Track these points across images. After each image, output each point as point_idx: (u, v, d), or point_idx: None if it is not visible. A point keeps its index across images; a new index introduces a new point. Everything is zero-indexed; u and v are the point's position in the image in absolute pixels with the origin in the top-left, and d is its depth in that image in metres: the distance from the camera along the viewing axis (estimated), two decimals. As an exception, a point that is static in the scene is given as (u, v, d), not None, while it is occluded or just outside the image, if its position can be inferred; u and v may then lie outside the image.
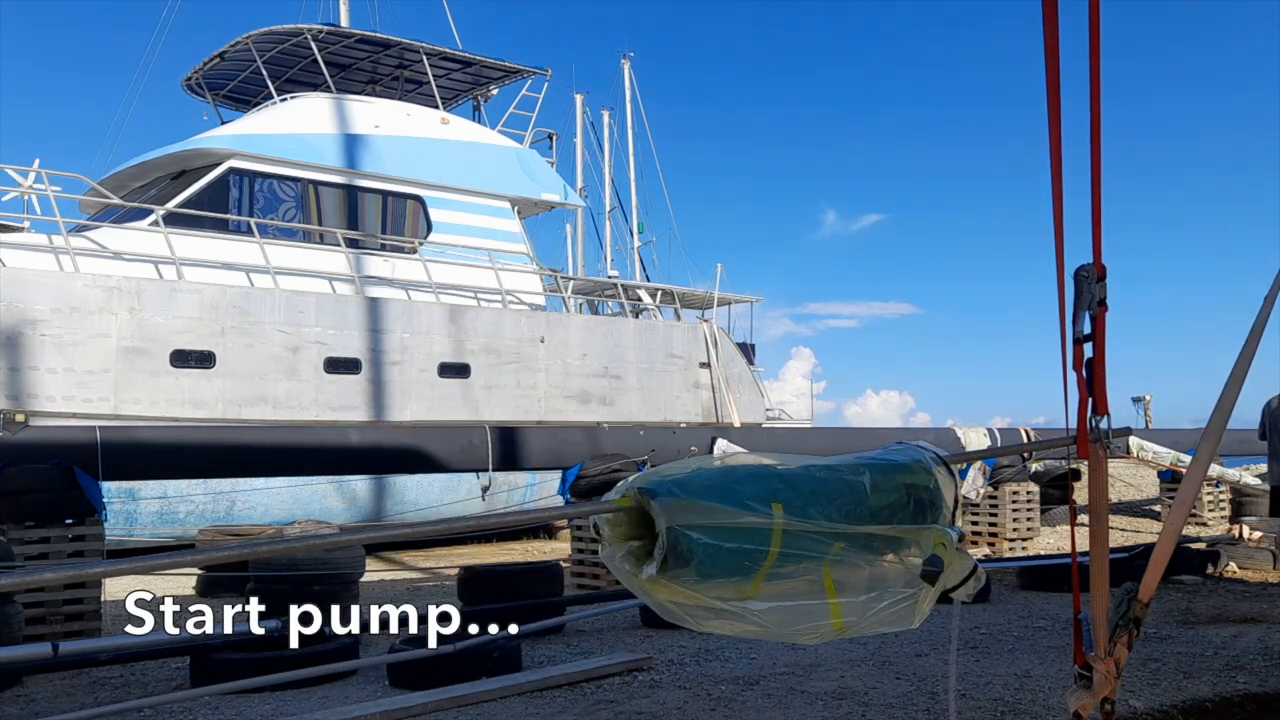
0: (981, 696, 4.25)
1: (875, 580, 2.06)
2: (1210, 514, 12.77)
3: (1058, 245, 2.80)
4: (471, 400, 13.22)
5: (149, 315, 11.11)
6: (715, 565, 1.88)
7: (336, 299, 12.56)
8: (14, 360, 10.36)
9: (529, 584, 6.38)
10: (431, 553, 11.25)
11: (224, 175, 12.77)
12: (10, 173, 11.72)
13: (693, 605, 1.94)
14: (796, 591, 1.98)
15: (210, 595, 8.00)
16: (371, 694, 4.49)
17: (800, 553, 1.94)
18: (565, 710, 4.16)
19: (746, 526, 1.90)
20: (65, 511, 6.33)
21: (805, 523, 1.94)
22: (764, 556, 1.91)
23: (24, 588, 5.25)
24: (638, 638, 5.74)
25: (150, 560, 1.79)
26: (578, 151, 26.59)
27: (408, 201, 14.20)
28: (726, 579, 1.90)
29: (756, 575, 1.92)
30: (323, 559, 5.85)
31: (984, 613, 6.30)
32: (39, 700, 4.53)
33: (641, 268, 25.49)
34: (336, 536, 2.50)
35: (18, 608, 5.10)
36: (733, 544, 1.89)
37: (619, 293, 17.25)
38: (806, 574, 1.97)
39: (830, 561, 1.98)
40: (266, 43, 14.38)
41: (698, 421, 15.25)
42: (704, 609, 1.94)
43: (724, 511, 1.90)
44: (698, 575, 1.87)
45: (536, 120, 16.32)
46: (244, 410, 11.55)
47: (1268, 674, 4.62)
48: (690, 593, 1.91)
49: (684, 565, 1.86)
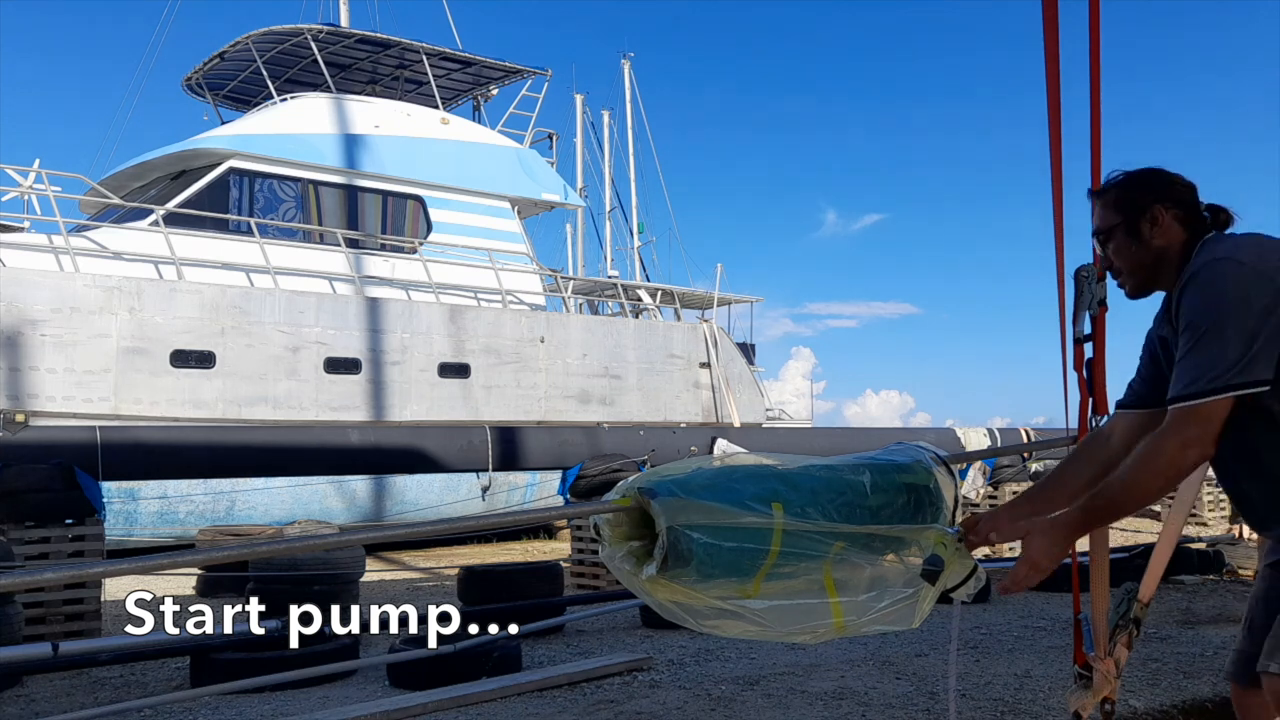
0: (981, 697, 4.25)
1: (876, 580, 2.05)
2: (1210, 514, 12.77)
3: (1058, 245, 2.80)
4: (471, 400, 13.22)
5: (149, 315, 11.11)
6: (715, 565, 1.88)
7: (336, 299, 12.55)
8: (14, 360, 10.36)
9: (529, 584, 6.37)
10: (431, 553, 11.25)
11: (224, 175, 12.77)
12: (10, 173, 11.74)
13: (693, 605, 1.94)
14: (797, 591, 1.98)
15: (210, 595, 8.00)
16: (371, 694, 4.49)
17: (801, 552, 1.94)
18: (565, 710, 4.16)
19: (747, 526, 1.90)
20: (65, 511, 6.33)
21: (805, 522, 1.94)
22: (764, 556, 1.91)
23: (24, 588, 5.25)
24: (638, 638, 5.74)
25: (150, 560, 1.79)
26: (578, 151, 26.64)
27: (408, 201, 14.20)
28: (727, 578, 1.90)
29: (757, 575, 1.92)
30: (323, 559, 5.85)
31: (984, 613, 6.30)
32: (39, 700, 4.53)
33: (641, 268, 25.52)
34: (336, 536, 2.50)
35: (18, 608, 5.10)
36: (733, 543, 1.89)
37: (619, 293, 17.25)
38: (807, 573, 1.97)
39: (831, 561, 1.98)
40: (266, 43, 14.39)
41: (698, 421, 15.26)
42: (705, 609, 1.94)
43: (724, 511, 1.89)
44: (698, 575, 1.87)
45: (536, 120, 16.35)
46: (244, 410, 11.55)
47: (1268, 674, 4.61)
48: (691, 592, 1.91)
49: (684, 565, 1.86)
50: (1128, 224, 2.03)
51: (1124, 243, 2.05)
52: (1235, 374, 1.74)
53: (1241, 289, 1.76)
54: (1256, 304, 1.74)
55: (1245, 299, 1.75)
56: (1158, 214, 1.99)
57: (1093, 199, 2.11)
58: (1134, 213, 2.02)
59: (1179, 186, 2.04)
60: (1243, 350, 1.74)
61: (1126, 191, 2.04)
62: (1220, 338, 1.75)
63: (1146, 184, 2.04)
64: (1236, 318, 1.75)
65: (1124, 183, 2.06)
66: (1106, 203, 2.07)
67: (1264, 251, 1.83)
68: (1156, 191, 2.02)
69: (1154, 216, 2.00)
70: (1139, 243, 2.02)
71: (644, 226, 27.44)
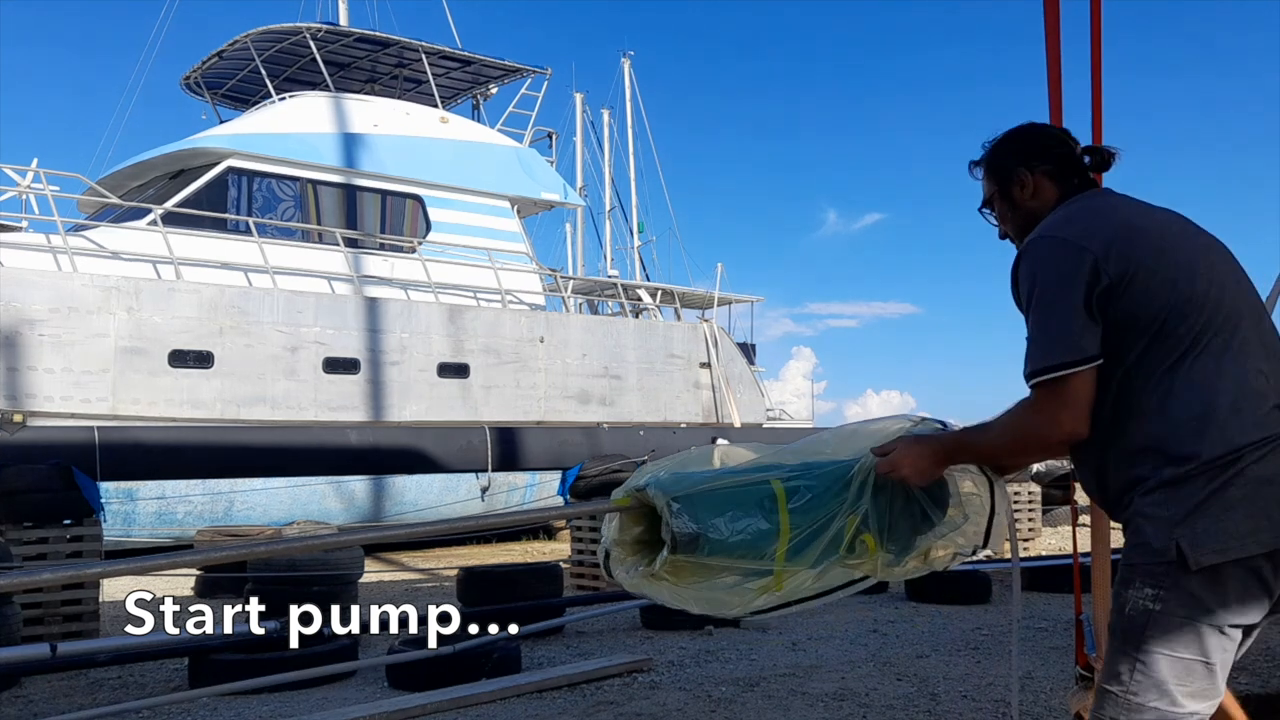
0: (982, 698, 4.24)
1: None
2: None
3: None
4: (471, 400, 13.20)
5: (147, 315, 11.08)
6: (726, 530, 1.87)
7: (335, 299, 12.54)
8: (12, 360, 10.34)
9: (529, 584, 6.36)
10: (431, 553, 11.23)
11: (222, 175, 12.74)
12: (8, 172, 11.71)
13: (719, 581, 1.92)
14: (824, 546, 1.95)
15: (209, 595, 7.99)
16: (371, 695, 4.47)
17: (810, 508, 1.93)
18: (565, 711, 4.15)
19: (745, 484, 1.92)
20: (63, 512, 6.31)
21: (800, 480, 1.95)
22: (774, 515, 1.90)
23: (22, 588, 5.24)
24: (638, 639, 5.72)
25: (148, 561, 1.78)
26: (578, 151, 26.64)
27: (407, 201, 14.18)
28: (741, 544, 1.89)
29: (777, 541, 1.90)
30: (322, 559, 5.84)
31: (985, 613, 6.29)
32: (37, 701, 4.51)
33: (641, 267, 25.52)
34: (335, 537, 2.49)
35: (16, 608, 5.08)
36: (736, 508, 1.89)
37: (619, 293, 17.24)
38: (828, 526, 1.94)
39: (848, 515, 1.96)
40: (265, 42, 14.36)
41: (698, 421, 15.25)
42: (731, 584, 1.92)
43: (719, 479, 1.93)
44: (710, 547, 1.87)
45: (536, 119, 16.31)
46: (242, 410, 11.53)
47: (1269, 674, 4.61)
48: (711, 564, 1.89)
49: (694, 539, 1.86)
50: (1002, 191, 2.02)
51: (1004, 210, 2.05)
52: (1071, 352, 1.73)
53: (1062, 266, 1.76)
54: (1078, 280, 1.74)
55: (1067, 275, 1.75)
56: (1023, 177, 1.98)
57: (972, 170, 2.10)
58: (1005, 179, 2.01)
59: (1046, 141, 2.02)
60: (1072, 327, 1.73)
61: (995, 158, 2.04)
62: (1052, 315, 1.75)
63: (1012, 147, 2.03)
64: (1061, 295, 1.74)
65: (993, 149, 2.05)
66: (985, 172, 2.07)
67: (1093, 223, 1.82)
68: (1022, 153, 2.00)
69: (1021, 180, 1.99)
70: (1014, 208, 2.02)
71: (644, 226, 27.47)
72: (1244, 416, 1.71)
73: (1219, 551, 1.67)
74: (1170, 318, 1.74)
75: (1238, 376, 1.73)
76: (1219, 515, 1.67)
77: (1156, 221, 1.86)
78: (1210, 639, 1.70)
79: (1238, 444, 1.69)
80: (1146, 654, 1.72)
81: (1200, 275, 1.78)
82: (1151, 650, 1.72)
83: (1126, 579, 1.77)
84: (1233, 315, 1.77)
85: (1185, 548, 1.67)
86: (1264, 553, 1.68)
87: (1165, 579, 1.70)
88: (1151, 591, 1.72)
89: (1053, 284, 1.77)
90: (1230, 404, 1.71)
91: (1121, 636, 1.77)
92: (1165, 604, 1.71)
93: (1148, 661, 1.72)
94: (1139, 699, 1.72)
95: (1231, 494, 1.68)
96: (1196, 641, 1.70)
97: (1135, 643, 1.73)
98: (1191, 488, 1.69)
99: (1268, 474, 1.69)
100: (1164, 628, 1.71)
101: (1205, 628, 1.70)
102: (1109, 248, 1.76)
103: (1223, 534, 1.67)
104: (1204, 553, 1.67)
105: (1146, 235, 1.81)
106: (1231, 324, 1.76)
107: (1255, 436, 1.70)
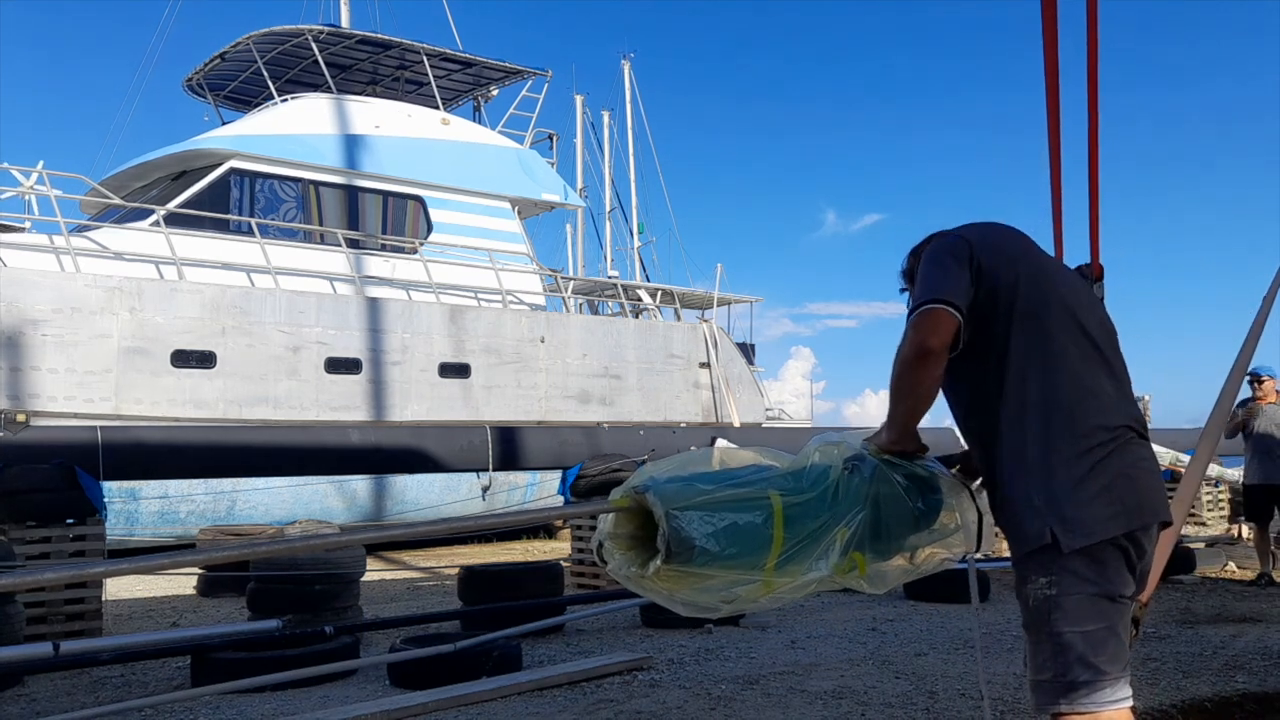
0: (981, 697, 4.26)
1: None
2: (1209, 514, 12.77)
3: (1057, 245, 2.81)
4: (472, 400, 13.23)
5: (150, 315, 11.11)
6: (719, 542, 1.90)
7: (337, 299, 12.56)
8: (15, 360, 10.36)
9: (529, 584, 6.38)
10: (431, 552, 11.25)
11: (225, 175, 12.77)
12: (12, 173, 11.74)
13: (708, 586, 1.95)
14: (815, 556, 1.99)
15: (211, 595, 8.01)
16: (372, 693, 4.49)
17: (805, 519, 1.96)
18: (565, 710, 4.17)
19: (743, 498, 1.95)
20: (66, 511, 6.33)
21: (797, 496, 1.98)
22: (768, 528, 1.92)
23: (25, 587, 5.24)
24: (637, 637, 5.74)
25: (151, 560, 1.80)
26: (578, 152, 26.62)
27: (408, 202, 14.20)
28: (735, 557, 1.91)
29: (768, 555, 1.93)
30: (323, 559, 5.85)
31: (984, 613, 6.30)
32: (40, 700, 4.53)
33: (641, 268, 25.50)
34: (337, 536, 2.51)
35: (19, 607, 5.10)
36: (731, 518, 1.92)
37: (619, 293, 17.26)
38: (816, 538, 1.97)
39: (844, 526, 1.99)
40: (267, 43, 14.39)
41: (698, 421, 15.26)
42: (717, 588, 1.95)
43: (718, 489, 1.95)
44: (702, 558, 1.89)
45: (537, 121, 16.34)
46: (244, 410, 11.56)
47: (1267, 674, 4.62)
48: (701, 575, 1.92)
49: (688, 550, 1.88)
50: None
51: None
52: (946, 294, 2.00)
53: (954, 245, 2.10)
54: (961, 254, 2.07)
55: (954, 248, 2.09)
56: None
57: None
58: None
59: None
60: (951, 280, 2.03)
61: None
62: (938, 268, 2.06)
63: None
64: (947, 258, 2.08)
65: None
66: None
67: (984, 231, 2.17)
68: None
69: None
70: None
71: (644, 226, 27.44)
72: (1095, 409, 1.99)
73: (1086, 535, 1.91)
74: (1028, 315, 2.03)
75: (1089, 375, 2.03)
76: (1086, 503, 1.92)
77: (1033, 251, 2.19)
78: (1107, 606, 1.94)
79: (1096, 436, 1.96)
80: (1059, 636, 1.92)
81: (1052, 280, 2.11)
82: (1063, 631, 1.91)
83: (1022, 576, 2.00)
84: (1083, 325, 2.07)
85: (1058, 534, 1.91)
86: (1123, 533, 1.93)
87: (1052, 565, 1.93)
88: (1045, 579, 1.93)
89: (944, 252, 2.09)
90: (1080, 398, 2.00)
91: (1034, 629, 1.97)
92: (1059, 587, 1.92)
93: (1062, 643, 1.91)
94: (1068, 677, 1.91)
95: (1093, 483, 1.93)
96: (1098, 613, 1.92)
97: (1046, 629, 1.93)
98: (1060, 476, 1.94)
99: (1124, 465, 1.96)
100: (1065, 608, 1.92)
101: (1101, 599, 1.93)
102: (984, 238, 2.12)
103: (1090, 519, 1.92)
104: (1074, 538, 1.91)
105: (1014, 247, 2.15)
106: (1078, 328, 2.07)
107: (1113, 425, 1.99)
